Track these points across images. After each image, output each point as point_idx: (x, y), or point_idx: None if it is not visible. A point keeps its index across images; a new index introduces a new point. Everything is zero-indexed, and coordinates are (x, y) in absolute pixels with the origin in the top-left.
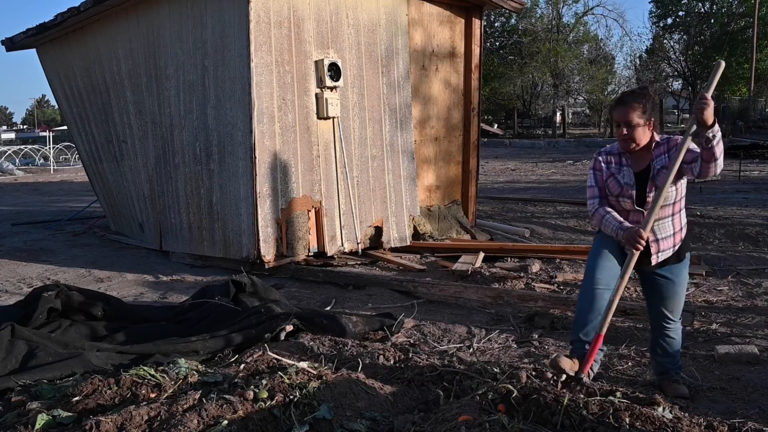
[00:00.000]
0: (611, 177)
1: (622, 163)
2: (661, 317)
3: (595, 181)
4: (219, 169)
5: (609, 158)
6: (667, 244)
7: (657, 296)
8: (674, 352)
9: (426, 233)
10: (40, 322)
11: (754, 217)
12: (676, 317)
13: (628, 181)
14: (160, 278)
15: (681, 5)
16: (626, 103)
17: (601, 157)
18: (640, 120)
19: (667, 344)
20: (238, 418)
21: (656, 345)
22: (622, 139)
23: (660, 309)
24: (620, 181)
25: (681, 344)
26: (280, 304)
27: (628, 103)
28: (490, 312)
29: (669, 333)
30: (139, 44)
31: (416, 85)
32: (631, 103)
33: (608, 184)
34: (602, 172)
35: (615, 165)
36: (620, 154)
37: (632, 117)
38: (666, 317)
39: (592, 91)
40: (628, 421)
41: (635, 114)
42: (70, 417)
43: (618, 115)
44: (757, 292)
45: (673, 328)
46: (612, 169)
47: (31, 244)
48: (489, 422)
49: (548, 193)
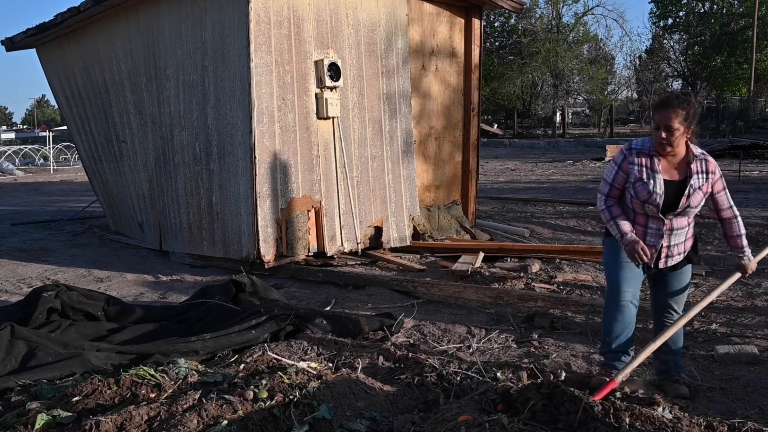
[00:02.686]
0: (639, 182)
1: (653, 169)
2: (665, 308)
3: (613, 180)
4: (219, 169)
5: (640, 160)
6: (677, 250)
7: (663, 290)
8: (677, 350)
9: (426, 233)
10: (39, 322)
11: (754, 218)
12: (679, 310)
13: (657, 191)
14: (159, 278)
15: (681, 5)
16: (670, 106)
17: (631, 156)
18: (681, 126)
19: (671, 339)
20: (238, 418)
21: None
22: (659, 142)
23: (666, 302)
24: (649, 188)
25: (683, 342)
26: (279, 304)
27: (672, 106)
28: (490, 312)
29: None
30: (139, 44)
31: (416, 85)
32: (675, 107)
33: (636, 187)
34: (627, 174)
35: (646, 169)
36: (652, 156)
37: (674, 122)
38: (670, 308)
39: (591, 92)
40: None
41: (678, 119)
42: (70, 417)
43: (659, 118)
44: (757, 293)
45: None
46: (642, 173)
47: (30, 244)
48: (489, 422)
49: (548, 193)
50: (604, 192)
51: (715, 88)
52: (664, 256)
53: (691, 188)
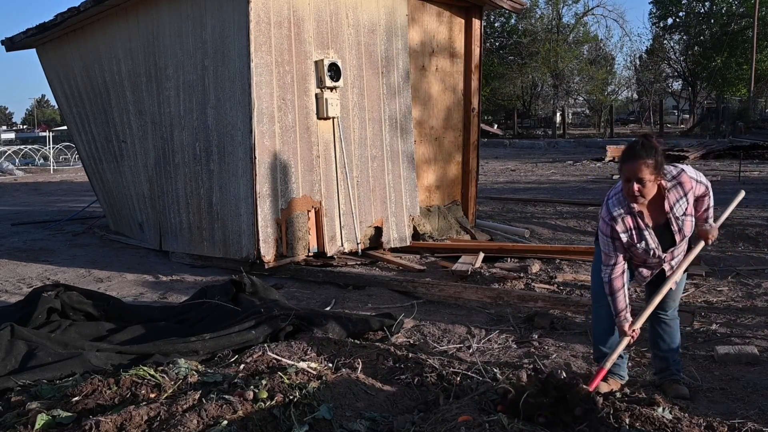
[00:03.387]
0: (633, 246)
1: (640, 227)
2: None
3: (615, 250)
4: (219, 170)
5: (626, 224)
6: (678, 259)
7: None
8: (675, 347)
9: (426, 233)
10: (39, 322)
11: (754, 218)
12: (673, 304)
13: (652, 245)
14: (159, 278)
15: (681, 6)
16: (638, 158)
17: (618, 226)
18: (651, 176)
19: (667, 334)
20: (238, 418)
21: (657, 337)
22: (632, 195)
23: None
24: (645, 248)
25: (680, 340)
26: (279, 305)
27: (640, 158)
28: (490, 312)
29: (666, 320)
30: (139, 44)
31: (416, 85)
32: (643, 159)
33: (632, 251)
34: (621, 241)
35: (635, 231)
36: (633, 213)
37: (644, 174)
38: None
39: (591, 92)
40: (628, 421)
41: (648, 170)
42: (70, 417)
43: (629, 171)
44: (757, 293)
45: (671, 315)
46: (633, 237)
47: (30, 244)
48: (489, 422)
49: (548, 193)
50: (611, 263)
51: (715, 88)
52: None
53: (678, 221)
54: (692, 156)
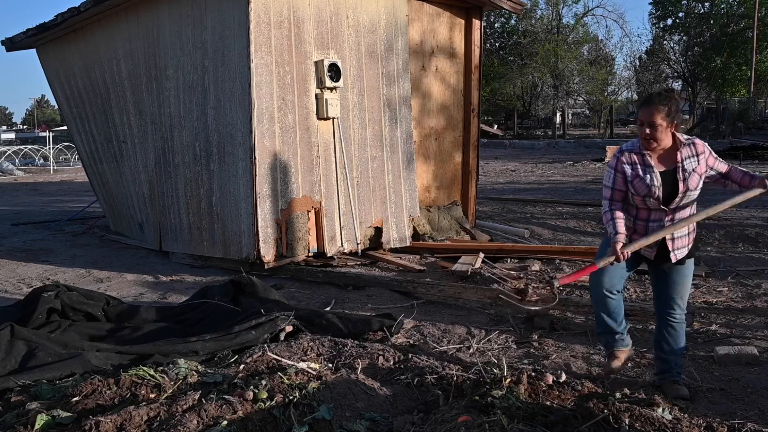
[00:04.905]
0: (637, 178)
1: (646, 164)
2: (668, 303)
3: (613, 183)
4: (219, 170)
5: (632, 158)
6: (682, 243)
7: (668, 284)
8: (679, 349)
9: (426, 234)
10: (39, 323)
11: (754, 218)
12: (683, 305)
13: (655, 183)
14: (159, 278)
15: (681, 6)
16: (652, 103)
17: (623, 157)
18: (663, 122)
19: (672, 337)
20: (238, 419)
21: (662, 339)
22: (644, 138)
23: (669, 295)
24: (647, 183)
25: (684, 343)
26: (279, 305)
27: (653, 103)
28: (490, 313)
29: (674, 323)
30: (139, 44)
31: (416, 86)
32: (656, 104)
33: (634, 184)
34: (624, 174)
35: (640, 166)
36: (643, 153)
37: (656, 118)
38: (673, 303)
39: (591, 92)
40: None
41: (659, 115)
42: (70, 417)
43: (642, 115)
44: (757, 293)
45: (679, 319)
46: (637, 170)
47: (30, 244)
48: (488, 423)
49: (548, 193)
50: (607, 196)
51: (714, 89)
52: (672, 249)
53: (685, 172)
54: None
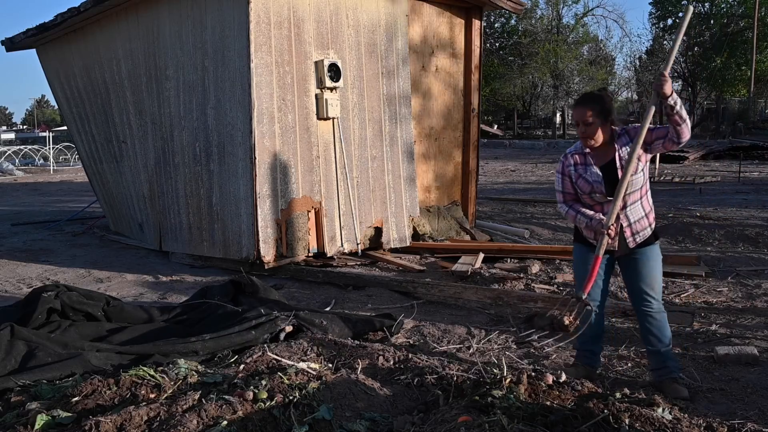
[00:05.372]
0: (580, 178)
1: (587, 163)
2: (641, 296)
3: (563, 186)
4: (219, 170)
5: (574, 159)
6: (641, 226)
7: (635, 275)
8: (666, 340)
9: (426, 234)
10: (39, 323)
11: (754, 218)
12: (655, 295)
13: (596, 179)
14: (159, 278)
15: (680, 6)
16: (582, 103)
17: (567, 160)
18: (596, 119)
19: (655, 328)
20: (238, 419)
21: (647, 333)
22: (581, 136)
23: (639, 286)
24: (589, 180)
25: (670, 333)
26: (279, 305)
27: (583, 103)
28: (490, 313)
29: (652, 313)
30: (139, 44)
31: (416, 85)
32: (586, 104)
33: (578, 184)
34: (569, 176)
35: (581, 166)
36: (584, 153)
37: (588, 116)
38: (645, 294)
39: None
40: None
41: (591, 113)
42: (70, 417)
43: (576, 115)
44: (757, 293)
45: (656, 308)
46: (579, 170)
47: (30, 244)
48: (488, 423)
49: (548, 194)
50: (561, 200)
51: (715, 89)
52: (630, 234)
53: (622, 160)
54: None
